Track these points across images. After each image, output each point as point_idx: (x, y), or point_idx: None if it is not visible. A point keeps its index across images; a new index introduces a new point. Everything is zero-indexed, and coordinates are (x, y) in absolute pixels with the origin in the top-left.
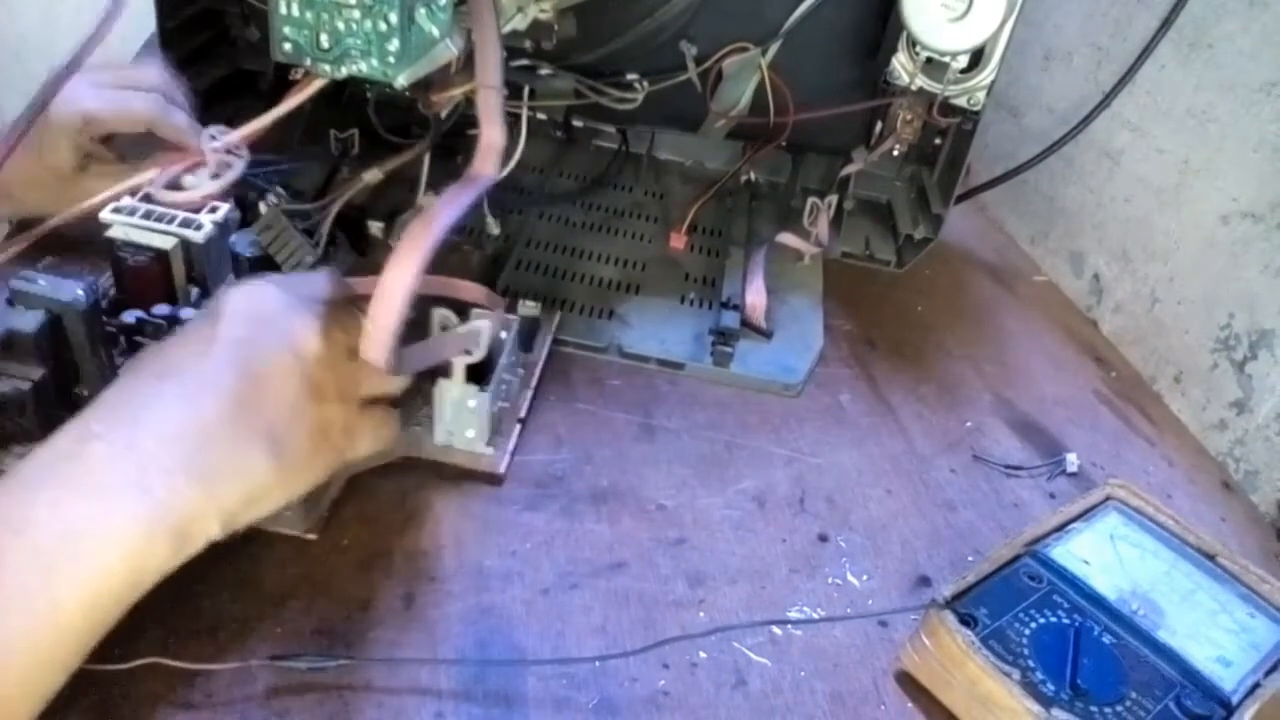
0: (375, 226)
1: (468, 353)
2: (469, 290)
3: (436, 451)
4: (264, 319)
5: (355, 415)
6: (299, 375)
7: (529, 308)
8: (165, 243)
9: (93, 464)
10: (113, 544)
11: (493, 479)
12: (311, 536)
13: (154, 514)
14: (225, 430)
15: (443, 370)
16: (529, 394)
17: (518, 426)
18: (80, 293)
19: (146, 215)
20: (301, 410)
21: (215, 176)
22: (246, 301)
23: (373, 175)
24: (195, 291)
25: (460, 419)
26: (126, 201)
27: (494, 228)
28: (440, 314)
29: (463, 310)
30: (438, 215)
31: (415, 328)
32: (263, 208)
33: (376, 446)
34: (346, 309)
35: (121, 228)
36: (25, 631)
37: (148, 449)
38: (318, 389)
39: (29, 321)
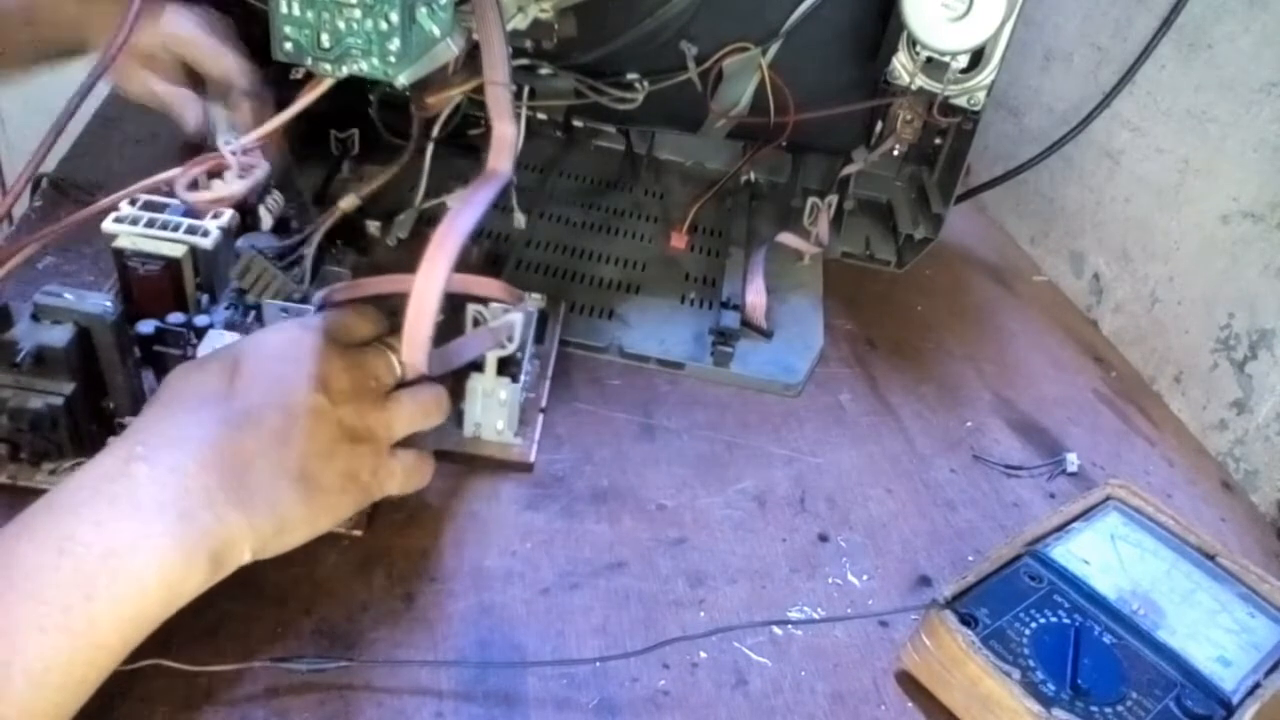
0: (373, 225)
1: (502, 346)
2: (487, 285)
3: (466, 444)
4: (298, 359)
5: (385, 459)
6: (331, 418)
7: (536, 300)
8: (175, 250)
9: (136, 485)
10: (153, 565)
11: (524, 468)
12: (357, 533)
13: (194, 537)
14: (262, 462)
15: (472, 364)
16: (547, 384)
17: (540, 416)
18: (108, 304)
19: (150, 224)
20: (332, 452)
21: (240, 178)
22: (278, 344)
23: (349, 202)
24: (205, 299)
25: (490, 411)
26: (127, 210)
27: (521, 222)
28: (474, 310)
29: (483, 305)
30: (459, 216)
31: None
32: (239, 245)
33: (406, 489)
34: (378, 351)
35: (128, 238)
36: (62, 649)
37: (190, 472)
38: (349, 432)
39: (59, 336)
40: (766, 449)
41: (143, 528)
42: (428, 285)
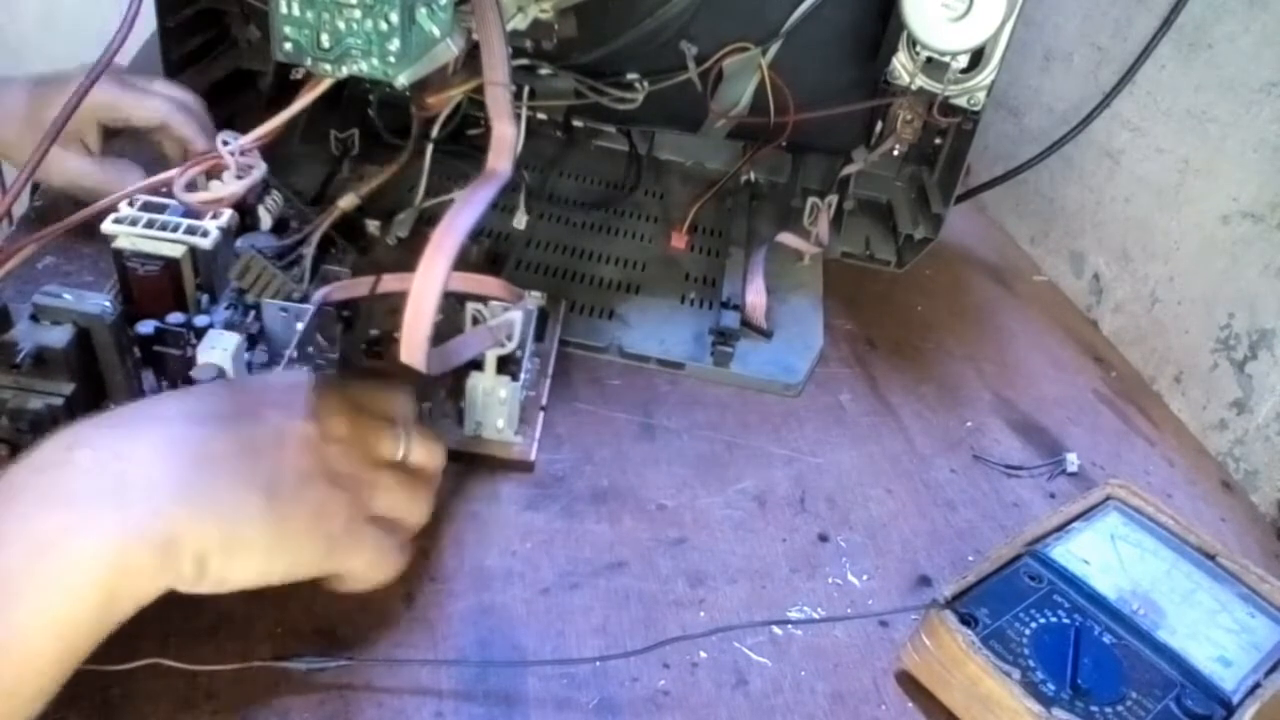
0: (373, 225)
1: (501, 344)
2: (486, 284)
3: (466, 443)
4: (301, 392)
5: (360, 521)
6: (316, 450)
7: (536, 298)
8: (175, 251)
9: (74, 474)
10: (80, 563)
11: (524, 466)
12: None
13: (127, 530)
14: (225, 463)
15: (472, 363)
16: (547, 382)
17: (541, 414)
18: (107, 304)
19: (149, 224)
20: (310, 483)
21: (239, 178)
22: (289, 378)
23: (348, 201)
24: (204, 299)
25: (490, 409)
26: (126, 211)
27: (521, 222)
28: (473, 308)
29: (482, 303)
30: (458, 216)
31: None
32: (239, 245)
33: (370, 574)
34: (391, 426)
35: (127, 238)
36: None
37: (136, 460)
38: (331, 473)
39: (59, 336)
40: (766, 449)
41: (71, 521)
42: (426, 285)
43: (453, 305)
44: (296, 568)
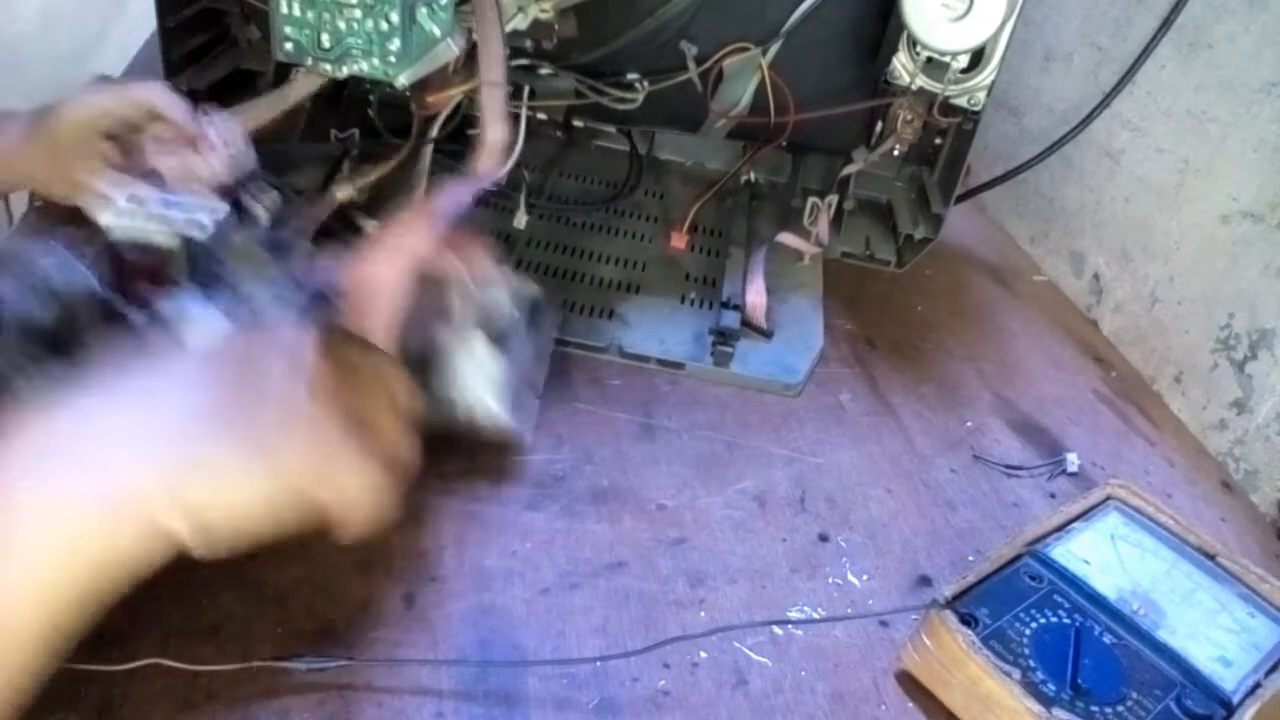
0: (370, 224)
1: (487, 320)
2: (470, 260)
3: (458, 423)
4: (285, 331)
5: (354, 441)
6: (305, 377)
7: (530, 287)
8: (169, 240)
9: (49, 444)
10: (57, 531)
11: (516, 448)
12: None
13: (106, 497)
14: (206, 409)
15: (464, 345)
16: (544, 370)
17: (537, 402)
18: (94, 281)
19: (144, 214)
20: (299, 401)
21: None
22: (270, 334)
23: (344, 192)
24: (197, 288)
25: (479, 386)
26: (124, 205)
27: (521, 222)
28: (457, 285)
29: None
30: (439, 209)
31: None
32: (235, 237)
33: (367, 494)
34: (370, 362)
35: (121, 228)
36: None
37: (113, 426)
38: (323, 394)
39: (44, 312)
40: (766, 449)
41: (48, 491)
42: (387, 270)
43: (437, 282)
44: (295, 485)
